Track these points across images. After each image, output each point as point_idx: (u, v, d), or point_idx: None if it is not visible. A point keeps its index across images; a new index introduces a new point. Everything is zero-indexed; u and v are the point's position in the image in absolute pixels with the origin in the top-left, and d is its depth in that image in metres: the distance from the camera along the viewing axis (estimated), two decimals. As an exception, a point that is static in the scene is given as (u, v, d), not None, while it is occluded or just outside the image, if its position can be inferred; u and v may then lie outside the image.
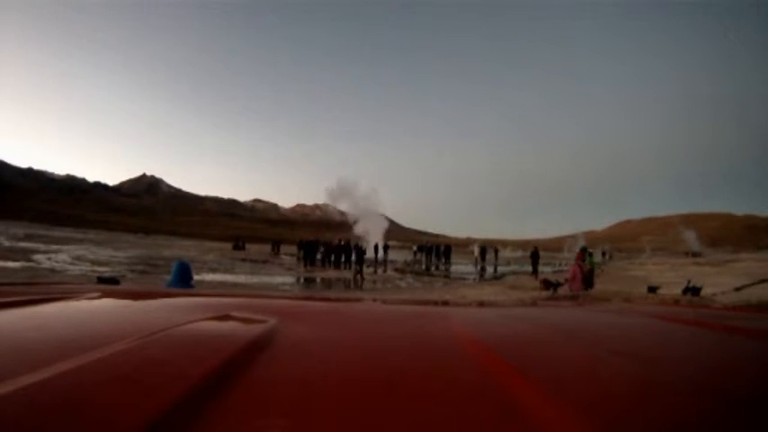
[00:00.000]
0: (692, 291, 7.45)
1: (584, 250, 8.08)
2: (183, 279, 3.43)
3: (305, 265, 18.64)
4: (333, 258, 19.68)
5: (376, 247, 22.97)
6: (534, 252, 18.22)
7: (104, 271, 11.24)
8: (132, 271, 11.58)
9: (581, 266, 7.17)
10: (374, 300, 1.18)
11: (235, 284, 11.05)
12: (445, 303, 1.06)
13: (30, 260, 12.14)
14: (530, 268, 17.67)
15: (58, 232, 37.91)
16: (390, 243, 27.40)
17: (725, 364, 0.46)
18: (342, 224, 33.85)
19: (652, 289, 7.64)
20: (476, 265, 22.86)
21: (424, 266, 19.61)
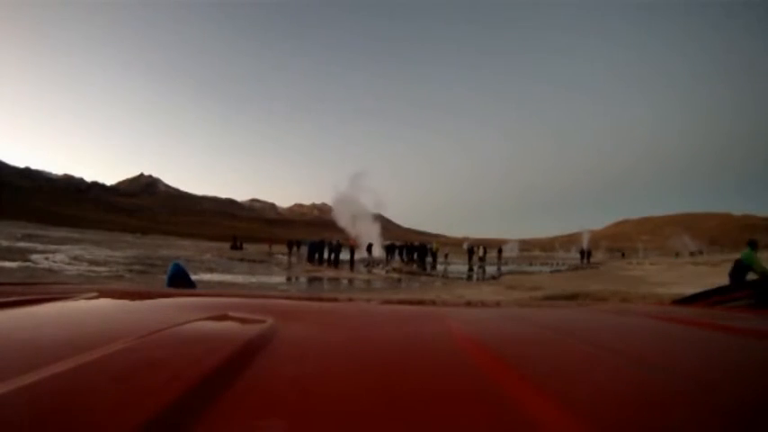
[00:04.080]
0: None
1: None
2: (180, 281, 3.34)
3: (306, 260, 18.67)
4: (328, 257, 20.00)
5: (369, 247, 23.05)
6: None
7: (102, 271, 11.20)
8: (130, 271, 11.54)
9: None
10: (371, 299, 1.17)
11: (232, 284, 11.03)
12: (442, 303, 1.05)
13: (27, 260, 12.07)
14: (528, 268, 17.76)
15: (55, 232, 37.77)
16: (395, 243, 27.50)
17: (724, 365, 0.46)
18: (338, 224, 34.07)
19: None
20: (465, 264, 23.19)
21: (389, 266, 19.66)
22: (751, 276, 5.91)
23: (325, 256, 20.77)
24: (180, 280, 3.53)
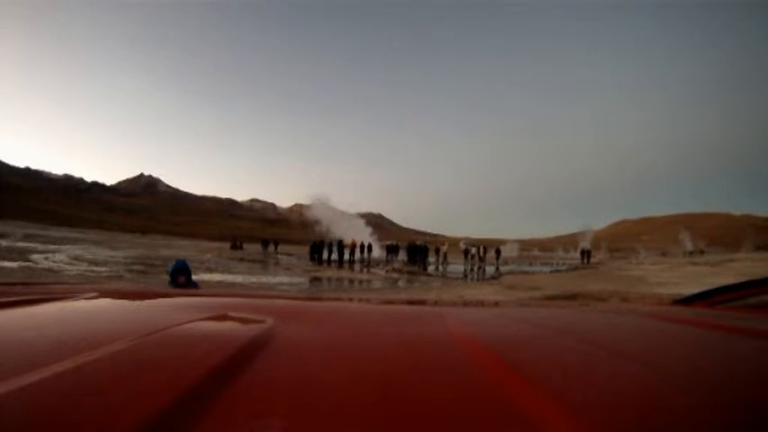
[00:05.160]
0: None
1: None
2: (181, 274, 3.33)
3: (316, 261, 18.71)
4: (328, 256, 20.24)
5: (362, 247, 23.04)
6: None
7: (102, 271, 11.20)
8: (130, 271, 11.53)
9: None
10: (371, 299, 1.17)
11: (233, 284, 11.02)
12: (442, 303, 1.06)
13: (27, 260, 12.07)
14: (528, 268, 17.77)
15: (55, 232, 37.77)
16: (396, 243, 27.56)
17: (723, 365, 0.46)
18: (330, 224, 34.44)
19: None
20: (465, 264, 23.13)
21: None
22: None
23: (325, 256, 20.83)
24: (180, 274, 3.56)
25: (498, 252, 31.04)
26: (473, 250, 25.81)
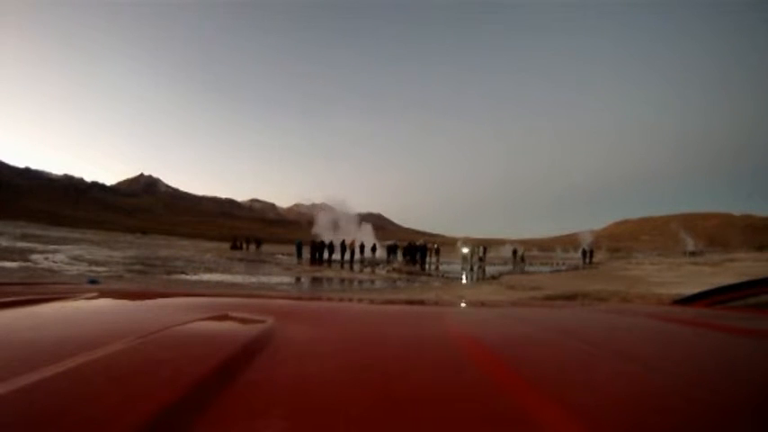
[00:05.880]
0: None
1: None
2: None
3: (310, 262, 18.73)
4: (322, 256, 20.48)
5: (362, 247, 23.10)
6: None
7: (102, 271, 11.20)
8: (130, 271, 11.53)
9: None
10: (372, 299, 1.17)
11: (233, 284, 11.01)
12: (442, 303, 1.06)
13: (27, 260, 12.06)
14: (528, 268, 17.75)
15: (55, 232, 37.78)
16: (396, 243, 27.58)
17: (723, 365, 0.46)
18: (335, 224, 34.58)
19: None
20: (466, 264, 23.08)
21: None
22: None
23: (326, 256, 20.87)
24: None
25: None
26: (473, 249, 25.74)
